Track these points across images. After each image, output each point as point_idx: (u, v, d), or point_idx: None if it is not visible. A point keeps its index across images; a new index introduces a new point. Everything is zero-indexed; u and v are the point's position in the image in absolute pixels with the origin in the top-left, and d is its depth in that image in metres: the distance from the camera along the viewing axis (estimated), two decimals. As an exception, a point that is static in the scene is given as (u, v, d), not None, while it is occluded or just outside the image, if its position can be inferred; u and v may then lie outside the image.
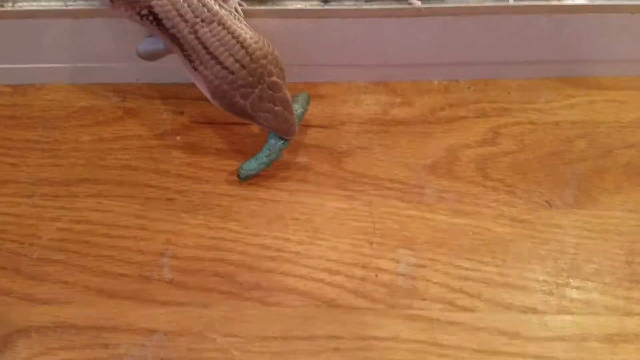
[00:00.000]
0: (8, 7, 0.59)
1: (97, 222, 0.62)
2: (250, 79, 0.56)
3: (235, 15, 0.57)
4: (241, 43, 0.55)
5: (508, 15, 0.61)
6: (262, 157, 0.62)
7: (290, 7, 0.61)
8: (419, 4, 0.59)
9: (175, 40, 0.55)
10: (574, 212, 0.63)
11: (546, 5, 0.60)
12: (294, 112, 0.60)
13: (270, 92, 0.57)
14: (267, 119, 0.58)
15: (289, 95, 0.59)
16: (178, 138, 0.68)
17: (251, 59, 0.55)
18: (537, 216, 0.62)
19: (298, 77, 0.70)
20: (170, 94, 0.70)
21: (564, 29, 0.63)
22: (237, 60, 0.55)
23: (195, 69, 0.56)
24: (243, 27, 0.56)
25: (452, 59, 0.68)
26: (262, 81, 0.56)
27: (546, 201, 0.63)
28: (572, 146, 0.67)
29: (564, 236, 0.61)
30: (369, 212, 0.63)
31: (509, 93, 0.70)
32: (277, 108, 0.58)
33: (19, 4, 0.59)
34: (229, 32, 0.55)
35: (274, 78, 0.57)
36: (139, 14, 0.54)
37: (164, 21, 0.54)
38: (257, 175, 0.64)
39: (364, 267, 0.59)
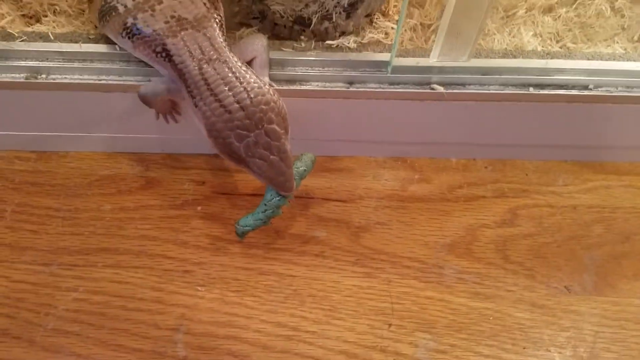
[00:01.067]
0: (42, 78, 0.61)
1: (114, 293, 0.62)
2: (247, 121, 0.54)
3: (247, 67, 0.57)
4: (244, 85, 0.55)
5: (528, 103, 0.62)
6: (258, 213, 0.59)
7: (316, 88, 0.63)
8: (441, 89, 0.61)
9: (182, 76, 0.57)
10: (593, 299, 0.62)
11: (566, 94, 0.61)
12: (295, 168, 0.58)
13: (268, 139, 0.54)
14: (261, 167, 0.55)
15: (289, 147, 0.56)
16: (199, 208, 0.68)
17: (251, 102, 0.54)
18: (557, 302, 0.62)
19: (316, 150, 0.71)
20: (193, 165, 0.71)
21: (583, 116, 0.64)
22: (236, 101, 0.54)
23: (196, 105, 0.56)
24: (250, 72, 0.56)
25: (470, 140, 0.69)
26: (260, 126, 0.54)
27: (565, 287, 0.63)
28: (590, 231, 0.67)
29: (583, 323, 0.61)
30: (388, 292, 0.63)
31: (526, 174, 0.71)
32: (272, 157, 0.54)
33: (52, 76, 0.61)
34: (233, 73, 0.55)
35: (274, 126, 0.54)
36: (154, 51, 0.57)
37: (175, 57, 0.56)
38: (254, 231, 0.61)
39: (382, 350, 0.59)
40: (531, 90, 0.61)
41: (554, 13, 0.69)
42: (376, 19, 0.68)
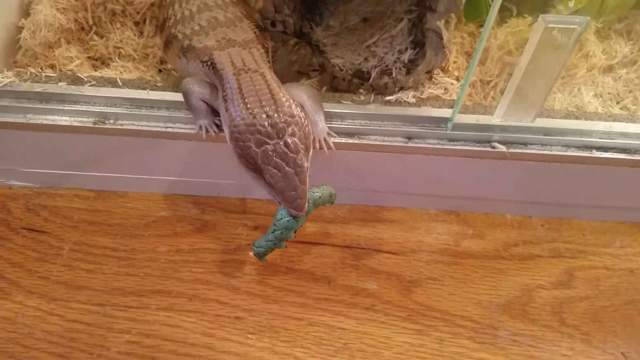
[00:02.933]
0: (109, 124, 0.63)
1: (166, 337, 0.62)
2: (270, 129, 0.54)
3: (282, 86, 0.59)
4: (273, 95, 0.57)
5: (590, 165, 0.62)
6: (269, 234, 0.58)
7: (374, 142, 0.63)
8: (503, 148, 0.61)
9: (221, 82, 0.60)
10: (653, 368, 0.60)
11: (629, 159, 0.61)
12: (310, 192, 0.57)
13: (286, 151, 0.54)
14: (273, 176, 0.54)
15: (306, 165, 0.55)
16: (251, 254, 0.69)
17: (277, 111, 0.55)
18: (615, 370, 0.60)
19: (369, 201, 0.71)
20: (247, 209, 0.72)
21: (645, 180, 0.63)
22: (262, 107, 0.56)
23: (227, 110, 0.58)
24: (284, 91, 0.58)
25: (528, 198, 0.68)
26: (280, 136, 0.54)
27: (622, 353, 0.61)
28: (649, 296, 0.65)
29: (642, 393, 0.59)
30: (440, 351, 0.61)
31: (583, 235, 0.70)
32: (287, 169, 0.54)
33: (120, 121, 0.63)
34: (267, 86, 0.58)
35: (295, 139, 0.54)
36: (201, 61, 0.63)
37: (218, 65, 0.61)
38: (271, 252, 0.60)
39: (435, 412, 0.57)
40: (594, 152, 0.61)
41: (614, 74, 0.69)
42: (435, 74, 0.68)
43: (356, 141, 0.63)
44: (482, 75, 0.69)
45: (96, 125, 0.62)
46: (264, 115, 0.55)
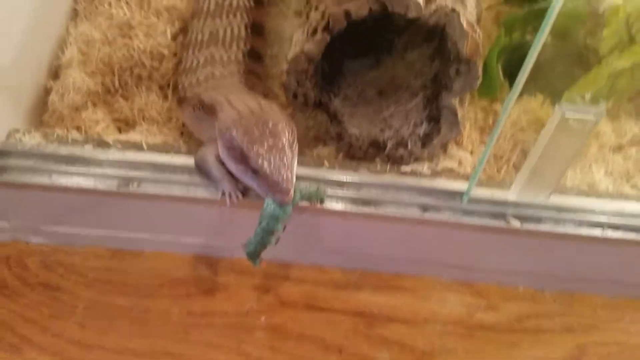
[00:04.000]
0: (133, 188, 0.64)
1: (176, 403, 0.62)
2: (255, 120, 0.57)
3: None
4: (258, 102, 0.61)
5: (603, 245, 0.63)
6: (257, 229, 0.57)
7: (390, 212, 0.64)
8: (517, 224, 0.62)
9: (214, 111, 0.63)
10: None
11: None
12: (299, 187, 0.59)
13: (271, 139, 0.56)
14: (258, 162, 0.55)
15: (292, 154, 0.57)
16: (262, 319, 0.69)
17: (261, 108, 0.59)
18: None
19: (382, 267, 0.72)
20: (260, 272, 0.73)
21: (657, 258, 0.64)
22: (248, 107, 0.60)
23: (218, 119, 0.61)
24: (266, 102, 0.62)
25: (540, 271, 0.69)
26: (265, 126, 0.57)
27: None
28: (662, 375, 0.65)
29: None
30: None
31: (595, 310, 0.70)
32: (272, 154, 0.56)
33: (143, 186, 0.65)
34: (253, 99, 0.63)
35: (279, 129, 0.57)
36: (194, 107, 0.68)
37: (206, 100, 0.66)
38: (263, 249, 0.59)
39: None
40: (606, 231, 0.62)
41: (624, 152, 0.71)
42: (450, 147, 0.70)
43: (372, 210, 0.64)
44: (495, 150, 0.71)
45: (120, 189, 0.64)
46: (250, 111, 0.59)
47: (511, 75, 0.79)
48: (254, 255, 0.59)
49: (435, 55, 0.75)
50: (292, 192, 0.56)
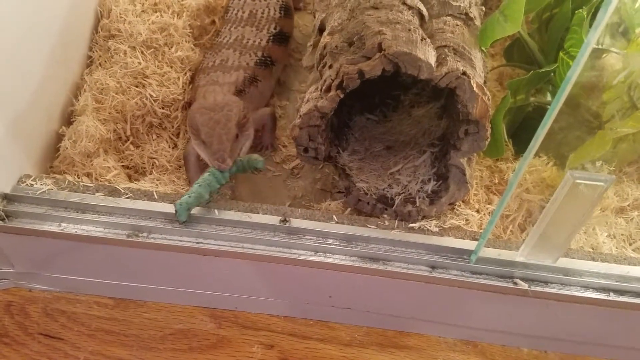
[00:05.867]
0: (142, 237, 0.64)
1: None
2: (213, 105, 0.71)
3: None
4: (226, 95, 0.76)
5: (607, 307, 0.63)
6: (193, 187, 0.65)
7: (398, 269, 0.65)
8: (525, 286, 0.62)
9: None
10: None
11: (646, 303, 0.62)
12: (240, 159, 0.69)
13: (220, 118, 0.69)
14: (206, 134, 0.68)
15: (237, 133, 0.70)
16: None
17: (224, 100, 0.72)
18: None
19: (387, 325, 0.72)
20: (263, 326, 0.72)
21: (661, 323, 0.65)
22: (213, 97, 0.74)
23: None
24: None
25: (545, 333, 0.69)
26: (219, 110, 0.70)
27: None
28: None
29: None
30: None
31: (599, 373, 0.70)
32: (218, 129, 0.68)
33: (153, 235, 0.65)
34: (222, 93, 0.77)
35: (231, 113, 0.70)
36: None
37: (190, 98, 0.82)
38: (192, 208, 0.65)
39: None
40: (611, 295, 0.62)
41: (625, 215, 0.72)
42: (457, 205, 0.71)
43: (380, 267, 0.65)
44: (502, 210, 0.72)
45: (129, 238, 0.64)
46: (213, 101, 0.72)
47: (515, 135, 0.81)
48: (183, 210, 0.65)
49: (442, 114, 0.77)
50: (229, 161, 0.67)
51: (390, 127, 0.82)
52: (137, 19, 0.84)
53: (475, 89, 0.62)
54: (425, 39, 0.63)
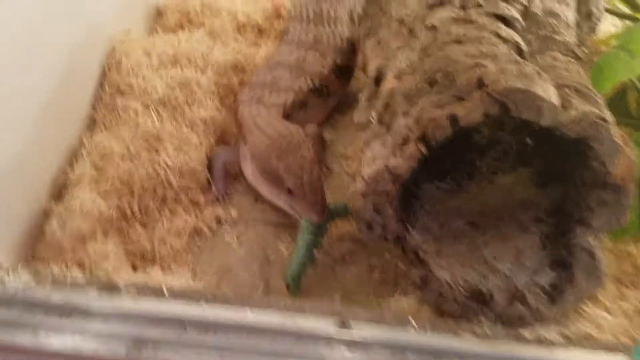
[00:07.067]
0: (147, 353, 0.46)
1: None
2: (286, 145, 0.62)
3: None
4: (281, 121, 0.68)
5: None
6: (296, 251, 0.60)
7: None
8: None
9: (241, 129, 0.69)
10: None
11: None
12: (329, 205, 0.61)
13: (304, 162, 0.61)
14: (295, 183, 0.60)
15: (321, 173, 0.63)
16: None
17: (289, 132, 0.64)
18: None
19: None
20: None
21: None
22: (276, 130, 0.65)
23: (246, 143, 0.66)
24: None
25: None
26: (297, 150, 0.62)
27: None
28: None
29: None
30: None
31: None
32: (306, 176, 0.60)
33: (162, 352, 0.46)
34: (279, 122, 0.68)
35: (310, 153, 0.62)
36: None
37: (238, 117, 0.71)
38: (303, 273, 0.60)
39: None
40: None
41: None
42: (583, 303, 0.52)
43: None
44: (636, 304, 0.53)
45: (129, 356, 0.45)
46: (279, 135, 0.64)
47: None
48: (295, 281, 0.59)
49: (543, 179, 0.59)
50: (326, 207, 0.61)
51: (468, 197, 0.64)
52: (152, 73, 0.69)
53: (616, 138, 0.44)
54: (541, 74, 0.46)
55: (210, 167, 0.70)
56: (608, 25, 0.93)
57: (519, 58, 0.48)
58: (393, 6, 0.70)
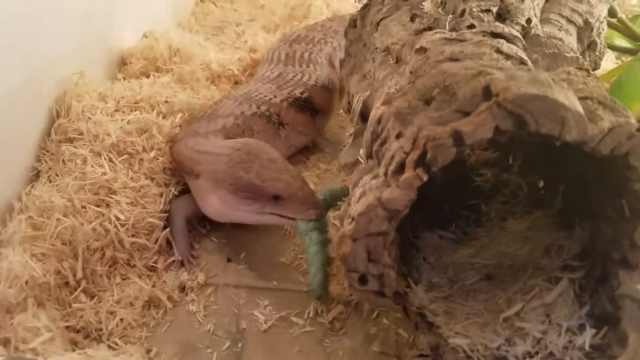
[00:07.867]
0: None
1: None
2: (246, 156, 0.58)
3: None
4: (225, 140, 0.63)
5: None
6: (310, 258, 0.54)
7: None
8: None
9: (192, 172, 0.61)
10: None
11: None
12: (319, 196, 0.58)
13: (274, 165, 0.58)
14: (277, 186, 0.56)
15: (296, 168, 0.59)
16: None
17: (243, 143, 0.60)
18: None
19: None
20: None
21: None
22: (228, 146, 0.60)
23: (198, 177, 0.60)
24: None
25: None
26: (259, 156, 0.58)
27: None
28: None
29: None
30: None
31: None
32: (285, 176, 0.57)
33: None
34: (215, 141, 0.63)
35: (266, 147, 0.59)
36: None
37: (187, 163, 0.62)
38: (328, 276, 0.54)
39: None
40: None
41: None
42: None
43: None
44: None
45: None
46: (234, 149, 0.59)
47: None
48: (323, 289, 0.54)
49: (567, 221, 0.49)
50: (319, 200, 0.57)
51: (480, 247, 0.54)
52: (106, 118, 0.60)
53: (663, 154, 0.35)
54: (557, 81, 0.38)
55: (170, 225, 0.61)
56: (610, 64, 0.89)
57: (530, 65, 0.40)
58: (377, 38, 0.64)
